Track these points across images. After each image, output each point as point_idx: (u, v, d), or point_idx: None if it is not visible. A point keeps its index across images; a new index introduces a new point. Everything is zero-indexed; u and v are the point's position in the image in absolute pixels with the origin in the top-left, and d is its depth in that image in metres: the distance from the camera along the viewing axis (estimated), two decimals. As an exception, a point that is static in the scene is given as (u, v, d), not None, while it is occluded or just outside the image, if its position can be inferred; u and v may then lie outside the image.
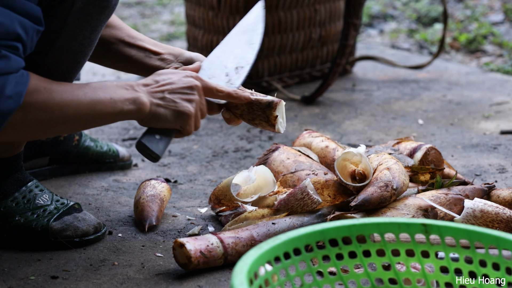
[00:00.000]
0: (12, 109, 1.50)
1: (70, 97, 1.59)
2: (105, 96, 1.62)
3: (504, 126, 2.60)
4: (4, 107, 1.49)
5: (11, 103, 1.50)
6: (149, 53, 1.88)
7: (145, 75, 1.87)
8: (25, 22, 1.52)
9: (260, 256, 1.25)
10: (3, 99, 1.49)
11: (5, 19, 1.49)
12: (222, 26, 2.99)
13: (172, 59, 1.87)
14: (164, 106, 1.66)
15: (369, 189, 1.80)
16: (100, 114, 1.62)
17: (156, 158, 1.67)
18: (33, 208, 1.83)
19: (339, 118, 2.75)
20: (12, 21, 1.50)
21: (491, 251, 1.33)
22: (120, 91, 1.64)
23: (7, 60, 1.49)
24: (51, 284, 1.66)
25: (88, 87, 1.62)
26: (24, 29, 1.52)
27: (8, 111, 1.50)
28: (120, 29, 1.89)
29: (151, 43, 1.89)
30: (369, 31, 4.13)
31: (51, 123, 1.59)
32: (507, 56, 3.55)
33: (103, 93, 1.62)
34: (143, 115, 1.65)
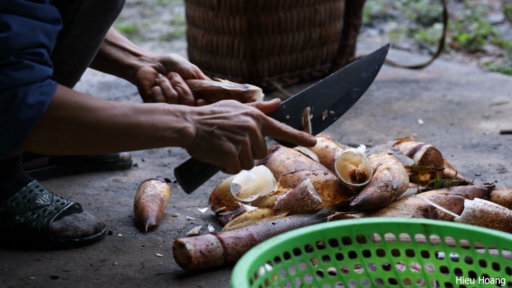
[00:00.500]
0: (33, 118, 1.48)
1: (105, 117, 1.54)
2: (147, 121, 1.56)
3: (504, 126, 2.60)
4: (25, 115, 1.47)
5: (33, 111, 1.48)
6: (128, 52, 1.87)
7: (121, 75, 1.86)
8: (47, 27, 1.51)
9: (260, 256, 1.25)
10: (24, 107, 1.47)
11: (26, 29, 1.48)
12: (222, 26, 2.99)
13: (149, 60, 1.85)
14: (208, 140, 1.59)
15: (369, 189, 1.80)
16: (138, 139, 1.56)
17: (186, 191, 1.64)
18: (33, 208, 1.83)
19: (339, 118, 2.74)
20: (34, 30, 1.49)
21: (491, 251, 1.33)
22: (168, 117, 1.57)
23: (31, 70, 1.48)
24: (51, 284, 1.66)
25: (131, 108, 1.56)
26: (47, 34, 1.51)
27: (30, 120, 1.48)
28: None
29: (131, 45, 1.88)
30: (369, 31, 4.13)
31: (79, 142, 1.55)
32: (507, 56, 3.55)
33: (146, 118, 1.56)
34: (187, 145, 1.59)
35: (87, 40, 1.69)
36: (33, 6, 1.49)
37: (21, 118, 1.48)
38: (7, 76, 1.46)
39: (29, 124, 1.49)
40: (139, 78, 1.82)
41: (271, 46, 2.99)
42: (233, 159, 1.60)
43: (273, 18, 2.96)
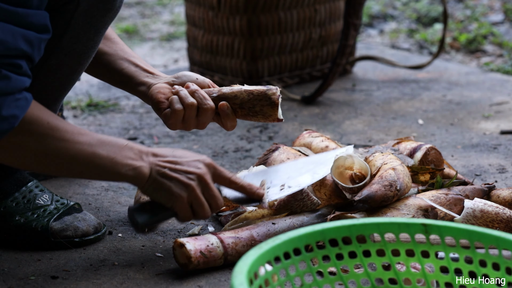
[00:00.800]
0: (4, 131, 1.47)
1: (72, 142, 1.55)
2: (108, 154, 1.58)
3: (504, 126, 2.60)
4: None
5: (5, 124, 1.47)
6: (140, 69, 1.86)
7: (132, 91, 1.86)
8: (29, 35, 1.49)
9: (260, 256, 1.25)
10: None
11: (6, 35, 1.45)
12: (222, 26, 2.99)
13: (162, 77, 1.85)
14: (158, 182, 1.62)
15: (374, 186, 1.80)
16: (96, 170, 1.59)
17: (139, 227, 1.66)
18: (33, 208, 1.83)
19: (339, 118, 2.75)
20: (14, 37, 1.46)
21: (491, 251, 1.33)
22: (126, 153, 1.60)
23: (7, 81, 1.47)
24: (51, 284, 1.66)
25: (97, 139, 1.58)
26: (29, 42, 1.49)
27: (1, 132, 1.47)
28: (115, 43, 1.88)
29: (144, 63, 1.87)
30: (369, 31, 4.13)
31: (42, 162, 1.56)
32: (507, 56, 3.55)
33: (108, 150, 1.58)
34: (140, 184, 1.63)
35: (85, 41, 1.69)
36: (16, 11, 1.46)
37: None
38: None
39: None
40: (153, 94, 1.81)
41: (271, 46, 2.99)
42: (182, 204, 1.63)
43: (273, 18, 2.96)
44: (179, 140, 2.56)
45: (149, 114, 2.82)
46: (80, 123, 2.69)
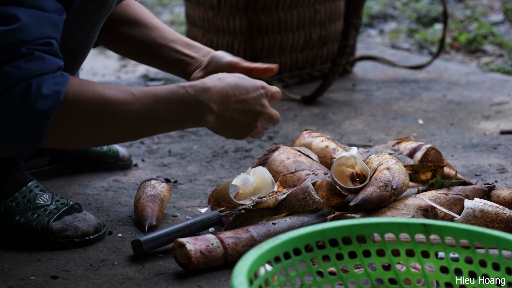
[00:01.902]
0: (51, 108, 1.47)
1: (124, 108, 1.55)
2: (166, 110, 1.60)
3: (504, 126, 2.60)
4: (42, 106, 1.47)
5: (50, 101, 1.47)
6: (180, 55, 1.88)
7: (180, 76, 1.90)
8: (54, 18, 1.51)
9: (260, 256, 1.25)
10: (40, 98, 1.46)
11: (35, 21, 1.48)
12: (222, 26, 2.99)
13: (199, 59, 1.87)
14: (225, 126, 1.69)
15: (368, 189, 1.80)
16: (158, 126, 1.60)
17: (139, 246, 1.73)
18: (33, 208, 1.83)
19: (339, 118, 2.75)
20: (42, 21, 1.49)
21: (491, 251, 1.33)
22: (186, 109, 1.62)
23: (42, 61, 1.48)
24: (51, 284, 1.66)
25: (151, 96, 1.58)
26: (55, 25, 1.51)
27: (48, 111, 1.47)
28: (151, 29, 1.89)
29: (182, 44, 1.88)
30: (369, 31, 4.13)
31: (100, 132, 1.56)
32: (507, 56, 3.55)
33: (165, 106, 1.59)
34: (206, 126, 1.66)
35: (80, 37, 1.69)
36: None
37: (38, 110, 1.47)
38: (19, 69, 1.46)
39: (48, 115, 1.48)
40: None
41: (271, 46, 2.99)
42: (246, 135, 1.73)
43: (273, 18, 2.96)
44: (179, 140, 2.56)
45: (149, 114, 2.82)
46: (80, 123, 2.69)
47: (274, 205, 1.87)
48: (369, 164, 1.91)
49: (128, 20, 1.91)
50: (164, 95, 1.59)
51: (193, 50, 1.89)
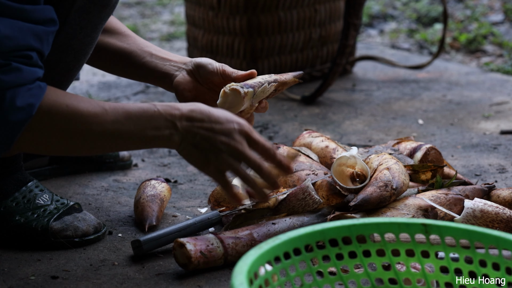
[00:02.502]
0: (23, 121, 1.47)
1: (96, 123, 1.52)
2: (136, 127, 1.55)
3: (504, 126, 2.60)
4: (14, 118, 1.46)
5: (23, 114, 1.47)
6: (155, 58, 1.87)
7: (155, 84, 1.87)
8: (37, 29, 1.49)
9: (260, 256, 1.25)
10: (14, 110, 1.46)
11: (14, 31, 1.46)
12: (222, 26, 2.99)
13: (181, 65, 1.85)
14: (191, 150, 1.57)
15: (368, 189, 1.80)
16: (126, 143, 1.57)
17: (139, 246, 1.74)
18: (33, 208, 1.83)
19: (339, 118, 2.75)
20: (23, 32, 1.47)
21: (491, 251, 1.33)
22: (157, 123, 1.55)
23: (19, 72, 1.47)
24: (51, 284, 1.66)
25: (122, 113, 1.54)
26: (37, 36, 1.49)
27: (19, 123, 1.47)
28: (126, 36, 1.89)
29: (157, 50, 1.88)
30: (369, 31, 4.13)
31: (69, 145, 1.55)
32: (507, 56, 3.55)
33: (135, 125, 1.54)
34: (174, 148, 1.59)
35: (82, 38, 1.69)
36: (23, 8, 1.47)
37: (10, 121, 1.47)
38: None
39: (19, 126, 1.48)
40: (179, 91, 1.82)
41: (271, 46, 2.99)
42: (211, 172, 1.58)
43: (273, 18, 2.96)
44: (179, 140, 2.56)
45: (149, 114, 2.81)
46: (80, 123, 2.69)
47: (274, 205, 1.87)
48: (369, 164, 1.91)
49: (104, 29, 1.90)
50: (135, 112, 1.55)
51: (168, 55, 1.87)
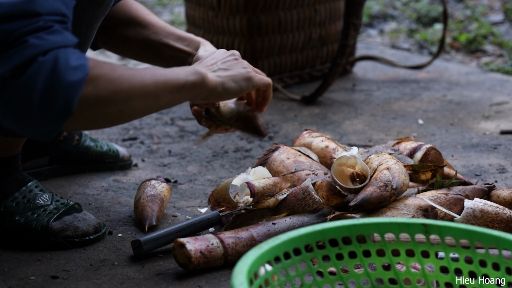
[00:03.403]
0: (81, 80, 1.43)
1: (132, 72, 1.53)
2: (166, 71, 1.59)
3: (504, 126, 2.60)
4: (72, 77, 1.42)
5: (79, 73, 1.43)
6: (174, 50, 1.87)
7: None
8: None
9: (260, 256, 1.25)
10: (70, 70, 1.42)
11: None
12: (222, 26, 2.99)
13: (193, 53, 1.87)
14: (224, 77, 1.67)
15: (368, 189, 1.80)
16: (166, 86, 1.57)
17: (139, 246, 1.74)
18: (33, 208, 1.83)
19: (339, 118, 2.75)
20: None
21: (491, 251, 1.33)
22: (180, 68, 1.63)
23: (62, 35, 1.45)
24: (51, 284, 1.66)
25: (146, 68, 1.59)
26: (65, 4, 1.48)
27: (78, 82, 1.43)
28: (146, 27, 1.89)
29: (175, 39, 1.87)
30: (369, 31, 4.13)
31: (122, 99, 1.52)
32: (507, 56, 3.55)
33: (163, 70, 1.59)
34: (207, 85, 1.63)
35: (78, 36, 1.68)
36: None
37: (69, 81, 1.42)
38: (43, 40, 1.42)
39: (77, 87, 1.43)
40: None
41: (271, 46, 2.99)
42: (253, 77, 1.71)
43: (273, 18, 2.96)
44: (179, 140, 2.56)
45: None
46: (80, 123, 2.69)
47: (274, 205, 1.87)
48: (369, 164, 1.91)
49: (125, 20, 1.91)
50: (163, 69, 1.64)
51: (185, 43, 1.87)
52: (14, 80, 1.40)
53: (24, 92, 1.41)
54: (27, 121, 1.44)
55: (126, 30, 1.91)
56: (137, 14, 1.92)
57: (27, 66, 1.40)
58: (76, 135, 2.23)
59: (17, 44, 1.41)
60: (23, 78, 1.40)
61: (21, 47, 1.40)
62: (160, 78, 1.57)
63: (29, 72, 1.40)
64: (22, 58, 1.40)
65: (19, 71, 1.40)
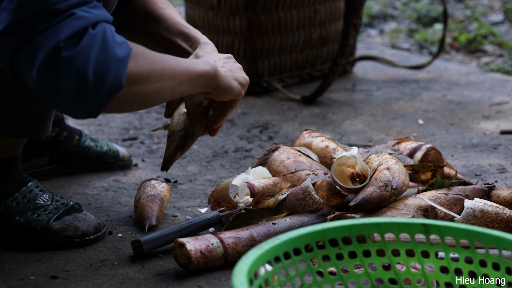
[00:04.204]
0: (127, 56, 1.42)
1: (160, 55, 1.53)
2: (184, 59, 1.61)
3: (504, 126, 2.60)
4: (120, 53, 1.41)
5: (124, 49, 1.43)
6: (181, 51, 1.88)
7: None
8: None
9: (260, 256, 1.25)
10: (117, 45, 1.41)
11: None
12: (222, 26, 2.99)
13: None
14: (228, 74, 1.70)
15: (368, 189, 1.80)
16: (188, 72, 1.58)
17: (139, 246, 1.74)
18: (33, 208, 1.83)
19: (339, 118, 2.75)
20: None
21: (491, 251, 1.33)
22: (191, 59, 1.65)
23: (103, 10, 1.44)
24: (51, 284, 1.66)
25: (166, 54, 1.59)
26: None
27: (125, 57, 1.42)
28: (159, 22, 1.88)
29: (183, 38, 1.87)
30: (369, 31, 4.13)
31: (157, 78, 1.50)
32: (507, 56, 3.55)
33: (181, 58, 1.60)
34: (218, 78, 1.65)
35: None
36: None
37: (117, 56, 1.41)
38: (90, 13, 1.41)
39: (124, 62, 1.42)
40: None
41: (271, 46, 2.99)
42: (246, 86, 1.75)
43: (273, 18, 2.96)
44: (179, 140, 2.56)
45: (149, 114, 2.82)
46: (80, 123, 2.69)
47: (274, 205, 1.87)
48: (369, 164, 1.91)
49: (143, 15, 1.90)
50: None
51: (190, 43, 1.87)
52: (68, 51, 1.38)
53: (79, 64, 1.38)
54: (80, 95, 1.40)
55: (145, 25, 1.91)
56: (153, 8, 1.90)
57: (80, 37, 1.38)
58: (76, 135, 2.23)
59: (65, 16, 1.38)
60: (78, 49, 1.38)
61: (70, 19, 1.38)
62: (183, 64, 1.58)
63: (83, 43, 1.38)
64: (73, 29, 1.38)
65: (72, 42, 1.38)
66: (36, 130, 1.78)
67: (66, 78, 1.38)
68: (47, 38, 1.38)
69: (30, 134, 1.78)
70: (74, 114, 1.46)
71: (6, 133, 1.77)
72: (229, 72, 1.71)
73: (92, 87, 1.39)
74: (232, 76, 1.71)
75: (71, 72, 1.38)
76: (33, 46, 1.39)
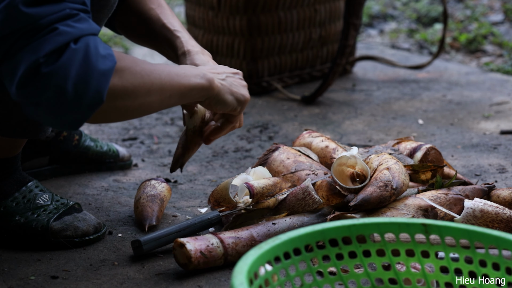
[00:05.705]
0: (110, 69, 1.43)
1: (151, 67, 1.54)
2: (179, 70, 1.61)
3: (504, 126, 2.60)
4: (103, 66, 1.42)
5: (108, 62, 1.43)
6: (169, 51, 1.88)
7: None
8: None
9: (260, 256, 1.25)
10: (100, 58, 1.42)
11: None
12: (222, 26, 2.99)
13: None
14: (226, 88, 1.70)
15: (368, 189, 1.80)
16: (179, 86, 1.59)
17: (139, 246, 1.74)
18: (33, 208, 1.83)
19: (339, 118, 2.75)
20: None
21: (491, 251, 1.33)
22: (189, 68, 1.65)
23: (88, 23, 1.44)
24: (51, 284, 1.66)
25: (159, 64, 1.60)
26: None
27: (108, 71, 1.43)
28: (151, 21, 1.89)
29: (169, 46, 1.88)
30: (369, 31, 4.13)
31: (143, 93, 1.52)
32: (507, 56, 3.55)
33: (175, 69, 1.61)
34: (212, 90, 1.66)
35: None
36: None
37: (99, 69, 1.42)
38: (73, 27, 1.41)
39: (107, 75, 1.43)
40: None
41: (271, 46, 2.99)
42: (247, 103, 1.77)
43: (273, 18, 2.96)
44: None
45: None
46: (80, 123, 2.69)
47: (274, 205, 1.87)
48: (369, 164, 1.91)
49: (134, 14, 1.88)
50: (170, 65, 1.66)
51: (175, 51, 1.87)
52: (47, 67, 1.39)
53: (58, 80, 1.39)
54: (59, 110, 1.42)
55: (138, 25, 1.91)
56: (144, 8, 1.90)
57: (60, 53, 1.40)
58: (76, 135, 2.23)
59: (47, 31, 1.40)
60: (58, 64, 1.39)
61: (52, 34, 1.39)
62: (174, 78, 1.59)
63: (63, 59, 1.39)
64: (54, 45, 1.39)
65: (53, 57, 1.39)
66: (36, 130, 1.78)
67: (44, 94, 1.41)
68: (28, 53, 1.40)
69: (30, 134, 1.78)
70: (55, 126, 1.50)
71: (6, 133, 1.77)
72: (228, 86, 1.71)
73: (71, 102, 1.42)
74: (228, 90, 1.71)
75: (49, 88, 1.40)
76: (14, 60, 1.41)
